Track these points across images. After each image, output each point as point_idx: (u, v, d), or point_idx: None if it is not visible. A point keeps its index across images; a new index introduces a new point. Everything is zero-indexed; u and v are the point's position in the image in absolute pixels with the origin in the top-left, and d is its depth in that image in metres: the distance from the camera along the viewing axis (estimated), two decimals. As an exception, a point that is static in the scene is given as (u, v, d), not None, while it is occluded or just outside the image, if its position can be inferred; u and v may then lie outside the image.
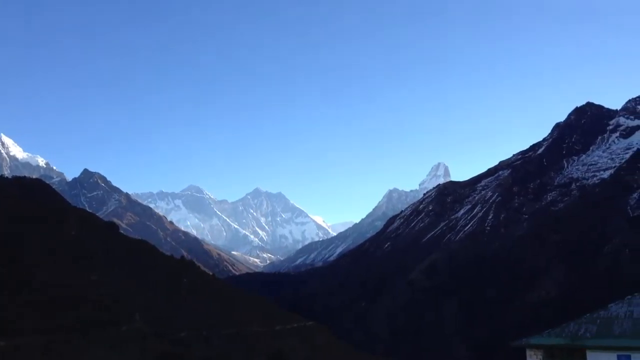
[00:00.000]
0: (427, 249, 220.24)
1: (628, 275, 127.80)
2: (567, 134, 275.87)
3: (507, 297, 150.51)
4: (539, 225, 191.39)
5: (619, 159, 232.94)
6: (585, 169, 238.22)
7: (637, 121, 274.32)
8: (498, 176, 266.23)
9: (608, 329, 28.21)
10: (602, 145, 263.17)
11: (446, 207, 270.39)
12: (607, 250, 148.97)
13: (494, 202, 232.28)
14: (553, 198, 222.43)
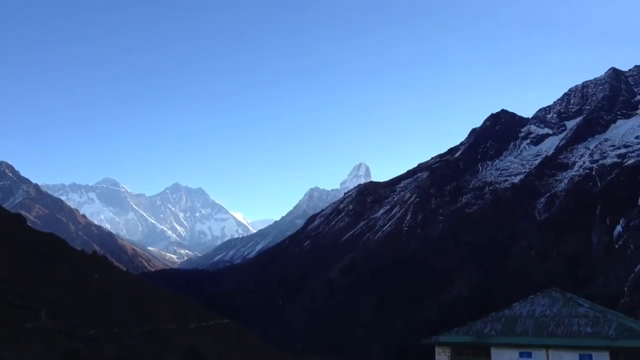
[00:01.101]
0: (347, 248, 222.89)
1: (534, 276, 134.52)
2: (482, 140, 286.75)
3: (422, 296, 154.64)
4: (454, 227, 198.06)
5: (529, 164, 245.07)
6: (498, 174, 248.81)
7: (546, 129, 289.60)
8: (417, 178, 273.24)
9: (511, 327, 29.23)
10: (514, 151, 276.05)
11: (366, 207, 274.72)
12: (515, 252, 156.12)
13: (412, 203, 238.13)
14: (468, 200, 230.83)
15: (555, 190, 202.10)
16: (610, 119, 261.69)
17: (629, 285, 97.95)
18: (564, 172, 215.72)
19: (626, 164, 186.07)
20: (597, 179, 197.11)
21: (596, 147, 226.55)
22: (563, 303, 29.57)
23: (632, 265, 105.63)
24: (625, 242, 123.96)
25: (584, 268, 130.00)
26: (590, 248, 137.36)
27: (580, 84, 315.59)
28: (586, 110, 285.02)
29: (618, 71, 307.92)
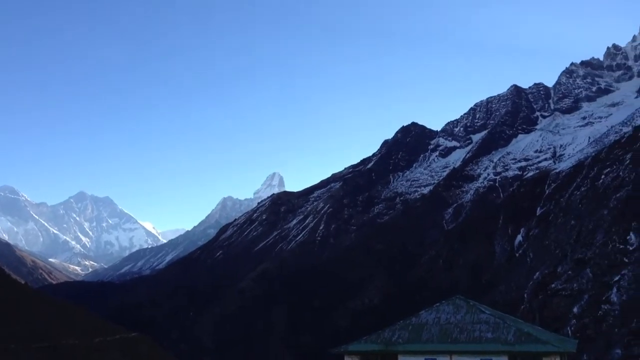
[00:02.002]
0: (259, 258, 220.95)
1: (440, 284, 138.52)
2: (394, 151, 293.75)
3: (334, 305, 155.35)
4: (366, 236, 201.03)
5: (438, 176, 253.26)
6: (409, 184, 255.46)
7: (454, 142, 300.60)
8: (330, 188, 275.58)
9: (418, 334, 29.54)
10: (424, 163, 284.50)
11: (279, 216, 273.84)
12: (424, 260, 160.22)
13: (325, 213, 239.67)
14: (379, 210, 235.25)
15: (462, 201, 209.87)
16: (512, 133, 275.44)
17: (528, 291, 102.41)
18: (470, 183, 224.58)
19: (526, 176, 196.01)
20: (500, 191, 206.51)
21: (499, 160, 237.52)
22: (466, 310, 30.11)
23: (532, 273, 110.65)
24: (525, 251, 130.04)
25: (487, 276, 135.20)
26: (494, 256, 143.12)
27: (485, 99, 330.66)
28: (490, 125, 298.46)
29: (519, 88, 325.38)
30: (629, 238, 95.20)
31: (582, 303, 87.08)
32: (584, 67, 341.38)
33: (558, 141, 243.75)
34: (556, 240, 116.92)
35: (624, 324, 74.16)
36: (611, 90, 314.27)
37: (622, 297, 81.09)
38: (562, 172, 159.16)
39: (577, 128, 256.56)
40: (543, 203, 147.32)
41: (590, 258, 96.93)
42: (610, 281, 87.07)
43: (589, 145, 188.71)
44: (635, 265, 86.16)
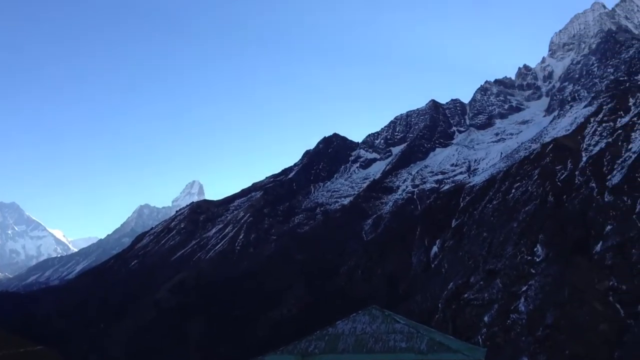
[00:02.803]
0: (177, 268, 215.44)
1: (359, 294, 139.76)
2: (315, 162, 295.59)
3: (253, 315, 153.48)
4: (286, 246, 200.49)
5: (358, 187, 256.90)
6: (329, 195, 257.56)
7: (374, 154, 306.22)
8: (251, 197, 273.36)
9: (334, 345, 29.41)
10: (345, 174, 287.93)
11: (198, 225, 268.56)
12: (343, 271, 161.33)
13: (245, 222, 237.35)
14: (300, 220, 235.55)
15: (381, 212, 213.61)
16: (430, 147, 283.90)
17: (442, 301, 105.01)
18: (389, 195, 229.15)
19: (442, 189, 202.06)
20: (417, 203, 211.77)
21: (417, 173, 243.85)
22: (382, 320, 30.24)
23: (446, 283, 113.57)
24: (441, 262, 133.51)
25: (404, 286, 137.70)
26: (410, 267, 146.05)
27: (405, 113, 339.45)
28: (409, 138, 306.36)
29: (437, 103, 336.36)
30: (536, 250, 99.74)
31: (492, 312, 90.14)
32: (498, 85, 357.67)
33: (473, 156, 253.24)
34: (469, 252, 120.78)
35: (530, 333, 77.30)
36: (522, 108, 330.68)
37: (529, 307, 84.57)
38: (475, 185, 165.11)
39: (490, 143, 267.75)
40: (458, 215, 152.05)
41: (501, 269, 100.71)
42: (519, 291, 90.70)
43: (500, 161, 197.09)
44: (542, 276, 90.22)
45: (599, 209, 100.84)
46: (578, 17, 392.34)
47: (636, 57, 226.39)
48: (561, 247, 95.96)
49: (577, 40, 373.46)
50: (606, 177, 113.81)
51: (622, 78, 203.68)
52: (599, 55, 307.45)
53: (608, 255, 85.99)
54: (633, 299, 75.93)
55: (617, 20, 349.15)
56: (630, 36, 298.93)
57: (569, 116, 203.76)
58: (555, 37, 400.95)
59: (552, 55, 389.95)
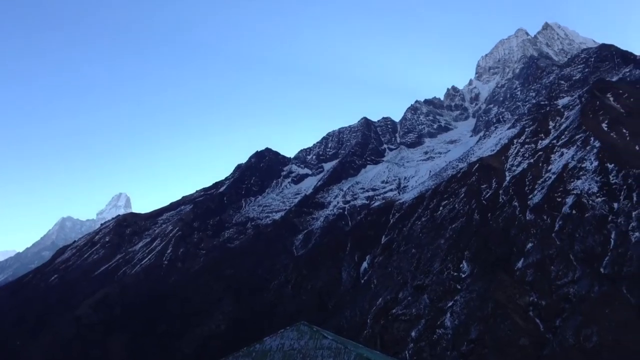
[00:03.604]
0: (100, 283, 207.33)
1: (289, 309, 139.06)
2: (247, 176, 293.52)
3: (179, 331, 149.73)
4: (215, 261, 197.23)
5: (290, 202, 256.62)
6: (261, 210, 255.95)
7: (306, 170, 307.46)
8: (180, 211, 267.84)
9: (261, 361, 29.38)
10: (276, 189, 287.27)
11: (124, 239, 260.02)
12: (273, 286, 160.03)
13: (174, 236, 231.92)
14: (230, 235, 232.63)
15: (312, 228, 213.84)
16: (361, 163, 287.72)
17: (370, 317, 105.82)
18: (320, 210, 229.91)
19: (373, 206, 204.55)
20: (348, 218, 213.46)
21: (349, 189, 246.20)
22: (310, 336, 30.13)
23: (375, 299, 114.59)
24: (370, 277, 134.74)
25: (333, 301, 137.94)
26: (340, 282, 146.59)
27: (337, 129, 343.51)
28: (341, 154, 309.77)
29: (369, 121, 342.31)
30: (462, 266, 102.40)
31: (419, 327, 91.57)
32: (427, 105, 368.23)
33: (403, 173, 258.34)
34: (398, 268, 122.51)
35: (455, 347, 78.93)
36: (450, 128, 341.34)
37: (454, 322, 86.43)
38: (405, 202, 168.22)
39: (419, 162, 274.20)
40: (387, 232, 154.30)
41: (428, 285, 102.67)
42: (445, 307, 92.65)
43: (429, 179, 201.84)
44: (467, 292, 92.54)
45: (520, 227, 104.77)
46: (503, 43, 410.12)
47: (556, 83, 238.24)
48: (485, 263, 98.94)
49: (502, 65, 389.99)
50: (528, 196, 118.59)
51: (543, 102, 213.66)
52: (522, 80, 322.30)
53: (529, 271, 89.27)
54: (551, 314, 79.00)
55: (538, 47, 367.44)
56: (551, 62, 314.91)
57: (494, 137, 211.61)
58: (482, 61, 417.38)
59: (478, 78, 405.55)
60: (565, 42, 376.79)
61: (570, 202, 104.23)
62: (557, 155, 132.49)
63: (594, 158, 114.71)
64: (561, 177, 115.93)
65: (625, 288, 77.12)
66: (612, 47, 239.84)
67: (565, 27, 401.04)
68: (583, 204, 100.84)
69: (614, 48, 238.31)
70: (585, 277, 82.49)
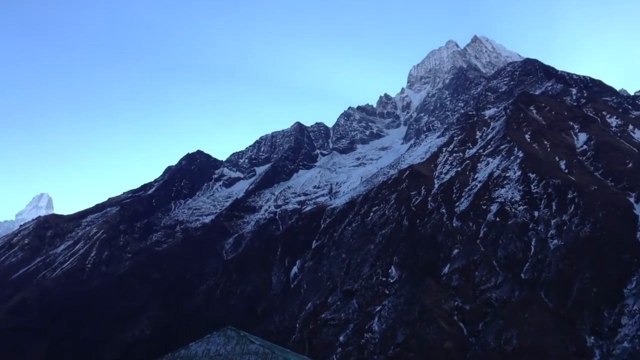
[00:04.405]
0: (18, 287, 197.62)
1: (217, 314, 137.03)
2: (177, 178, 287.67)
3: (102, 336, 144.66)
4: (142, 265, 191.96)
5: (220, 206, 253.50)
6: (190, 213, 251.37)
7: (238, 173, 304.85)
8: (106, 213, 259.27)
9: (186, 367, 28.83)
10: (207, 192, 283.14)
11: (45, 241, 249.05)
12: (201, 290, 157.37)
13: (98, 238, 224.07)
14: (158, 238, 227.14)
15: (243, 232, 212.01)
16: (294, 168, 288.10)
17: (300, 322, 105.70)
18: (252, 214, 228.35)
19: (304, 211, 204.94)
20: (279, 223, 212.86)
21: (280, 193, 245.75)
22: (237, 341, 29.72)
23: (304, 303, 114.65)
24: (300, 282, 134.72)
25: (263, 306, 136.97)
26: (270, 287, 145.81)
27: (270, 133, 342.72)
28: (274, 159, 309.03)
29: (302, 126, 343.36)
30: (391, 271, 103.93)
31: (347, 332, 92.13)
32: (360, 112, 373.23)
33: (335, 179, 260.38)
34: (328, 273, 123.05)
35: (382, 351, 79.90)
36: (382, 135, 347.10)
37: (382, 326, 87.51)
38: (336, 208, 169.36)
39: (351, 167, 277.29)
40: (318, 237, 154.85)
41: (357, 289, 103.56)
42: (373, 311, 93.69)
43: (361, 185, 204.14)
44: (395, 297, 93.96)
45: (447, 233, 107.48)
46: (434, 53, 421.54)
47: (483, 94, 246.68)
48: (413, 268, 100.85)
49: (433, 75, 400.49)
50: (455, 203, 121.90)
51: (471, 112, 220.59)
52: (452, 90, 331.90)
53: (454, 276, 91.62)
54: (475, 318, 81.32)
55: (467, 59, 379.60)
56: (479, 74, 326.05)
57: (424, 145, 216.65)
58: (414, 70, 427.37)
59: (410, 87, 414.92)
60: (492, 55, 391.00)
61: (494, 210, 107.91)
62: (483, 164, 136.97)
63: (517, 168, 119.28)
64: (486, 185, 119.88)
65: (543, 293, 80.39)
66: (536, 62, 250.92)
67: (492, 40, 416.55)
68: (506, 211, 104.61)
69: (537, 63, 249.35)
70: (506, 282, 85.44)
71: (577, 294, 76.74)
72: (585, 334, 70.43)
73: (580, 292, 76.78)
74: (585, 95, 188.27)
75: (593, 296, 74.98)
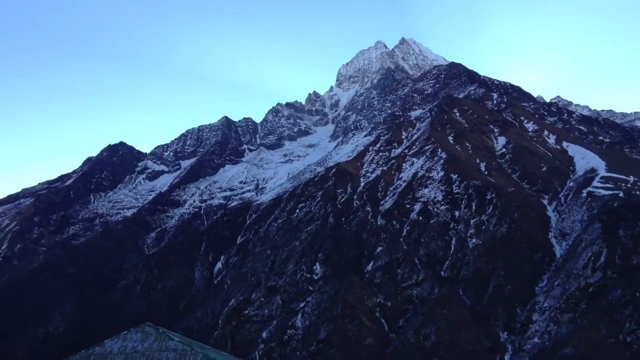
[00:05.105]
0: None
1: (136, 310, 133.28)
2: (97, 170, 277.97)
3: (11, 333, 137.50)
4: (57, 258, 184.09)
5: (143, 199, 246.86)
6: (111, 206, 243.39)
7: (162, 166, 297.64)
8: (19, 204, 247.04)
9: (101, 365, 27.85)
10: (130, 185, 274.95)
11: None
12: (121, 286, 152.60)
13: (10, 231, 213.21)
14: (75, 231, 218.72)
15: (166, 226, 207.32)
16: (220, 163, 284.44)
17: (222, 318, 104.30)
18: (176, 209, 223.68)
19: (230, 206, 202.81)
20: (204, 218, 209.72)
21: (206, 188, 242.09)
22: (155, 338, 28.75)
23: (228, 300, 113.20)
24: (224, 278, 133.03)
25: (184, 302, 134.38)
26: (193, 283, 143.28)
27: (197, 127, 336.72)
28: (200, 153, 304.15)
29: (230, 120, 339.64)
30: (315, 268, 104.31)
31: (270, 328, 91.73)
32: (289, 109, 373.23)
33: (261, 174, 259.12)
34: (253, 269, 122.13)
35: (305, 347, 79.99)
36: (310, 132, 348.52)
37: (305, 323, 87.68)
38: (262, 204, 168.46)
39: (279, 164, 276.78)
40: (244, 232, 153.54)
41: (281, 286, 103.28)
42: (297, 307, 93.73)
43: (287, 181, 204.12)
44: (319, 293, 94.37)
45: (372, 231, 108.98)
46: (363, 53, 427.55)
47: (410, 95, 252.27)
48: (338, 265, 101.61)
49: (362, 74, 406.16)
50: (380, 202, 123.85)
51: (397, 113, 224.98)
52: (379, 90, 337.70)
53: (377, 274, 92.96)
54: (395, 315, 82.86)
55: (395, 60, 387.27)
56: (406, 76, 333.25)
57: (351, 143, 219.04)
58: (343, 69, 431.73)
59: (339, 85, 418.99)
60: (419, 57, 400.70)
61: (417, 209, 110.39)
62: (408, 164, 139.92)
63: (440, 168, 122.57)
64: (411, 185, 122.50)
65: (461, 290, 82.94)
66: (460, 66, 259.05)
67: (420, 43, 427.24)
68: (429, 211, 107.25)
69: (461, 67, 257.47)
70: (427, 279, 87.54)
71: (493, 291, 79.65)
72: (499, 330, 73.15)
73: (496, 289, 79.72)
74: (505, 100, 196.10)
75: (507, 293, 78.02)
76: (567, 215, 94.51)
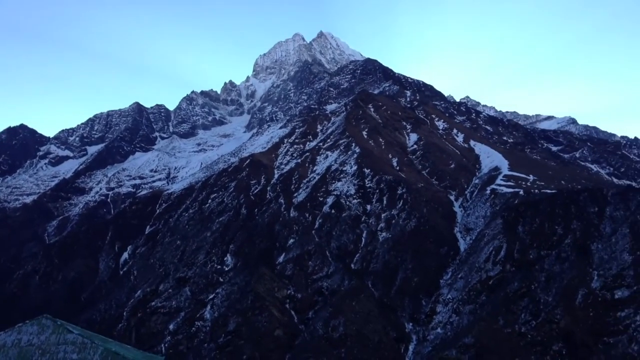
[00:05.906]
0: None
1: (35, 302, 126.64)
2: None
3: None
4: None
5: (45, 185, 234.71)
6: (9, 192, 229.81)
7: (67, 151, 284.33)
8: None
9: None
10: (30, 170, 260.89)
11: None
12: (17, 276, 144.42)
13: None
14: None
15: (69, 214, 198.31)
16: (130, 150, 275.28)
17: (127, 310, 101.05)
18: (80, 196, 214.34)
19: (139, 194, 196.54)
20: (111, 206, 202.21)
21: (114, 175, 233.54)
22: (53, 330, 27.33)
23: (134, 291, 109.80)
24: (130, 269, 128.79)
25: (87, 293, 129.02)
26: (97, 273, 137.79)
27: (106, 112, 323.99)
28: (109, 139, 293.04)
29: (142, 107, 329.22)
30: (226, 259, 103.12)
31: (178, 320, 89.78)
32: (204, 97, 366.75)
33: (173, 163, 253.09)
34: (161, 259, 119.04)
35: (213, 339, 78.88)
36: (225, 122, 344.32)
37: (214, 314, 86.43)
38: (174, 193, 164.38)
39: (191, 153, 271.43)
40: (153, 222, 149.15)
41: (191, 277, 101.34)
42: (206, 299, 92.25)
43: (200, 171, 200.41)
44: (229, 285, 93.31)
45: (284, 223, 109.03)
46: (281, 45, 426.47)
47: (326, 89, 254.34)
48: (249, 257, 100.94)
49: (279, 66, 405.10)
50: (293, 194, 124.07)
51: (313, 106, 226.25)
52: (296, 83, 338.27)
53: (289, 266, 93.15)
54: (305, 307, 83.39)
55: (313, 53, 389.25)
56: (323, 69, 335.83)
57: (266, 135, 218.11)
58: (260, 60, 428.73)
59: (255, 76, 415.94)
60: (336, 52, 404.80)
61: (330, 202, 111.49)
62: (322, 158, 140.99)
63: (354, 162, 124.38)
64: (324, 178, 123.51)
65: (370, 283, 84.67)
66: (376, 63, 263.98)
67: (337, 37, 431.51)
68: (341, 204, 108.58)
69: (377, 63, 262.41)
70: (337, 272, 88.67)
71: (400, 284, 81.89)
72: (405, 321, 75.35)
73: (403, 281, 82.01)
74: (418, 98, 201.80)
75: (413, 286, 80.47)
76: (472, 211, 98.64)
